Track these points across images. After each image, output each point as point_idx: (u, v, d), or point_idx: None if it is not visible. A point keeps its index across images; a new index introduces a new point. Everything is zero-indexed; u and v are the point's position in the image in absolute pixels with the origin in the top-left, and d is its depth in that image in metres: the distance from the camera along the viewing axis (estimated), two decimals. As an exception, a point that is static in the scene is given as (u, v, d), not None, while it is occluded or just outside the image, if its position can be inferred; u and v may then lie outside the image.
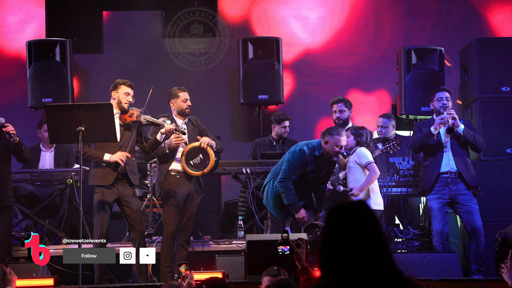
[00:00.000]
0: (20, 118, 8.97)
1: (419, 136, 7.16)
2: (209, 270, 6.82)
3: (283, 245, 4.17)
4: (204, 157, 7.03)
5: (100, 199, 6.66)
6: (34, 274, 6.20)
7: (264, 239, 6.39)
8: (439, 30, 9.64)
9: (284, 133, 8.39)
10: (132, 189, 6.79)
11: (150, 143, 6.86)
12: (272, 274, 4.62)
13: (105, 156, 6.63)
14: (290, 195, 6.66)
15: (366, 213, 2.43)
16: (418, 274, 6.17)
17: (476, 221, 7.03)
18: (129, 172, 6.72)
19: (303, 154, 6.71)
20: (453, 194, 7.05)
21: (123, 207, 6.77)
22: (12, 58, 9.53)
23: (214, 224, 8.76)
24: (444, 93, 7.21)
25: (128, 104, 6.76)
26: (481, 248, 7.01)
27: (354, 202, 2.50)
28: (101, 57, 9.66)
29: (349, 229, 2.40)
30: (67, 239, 7.66)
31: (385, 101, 9.63)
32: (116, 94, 6.76)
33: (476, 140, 7.10)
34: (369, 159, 6.81)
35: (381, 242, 2.38)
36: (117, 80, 6.85)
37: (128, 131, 6.78)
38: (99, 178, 6.69)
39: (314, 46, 9.76)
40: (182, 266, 5.06)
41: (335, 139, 6.64)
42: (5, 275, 4.96)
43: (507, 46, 8.28)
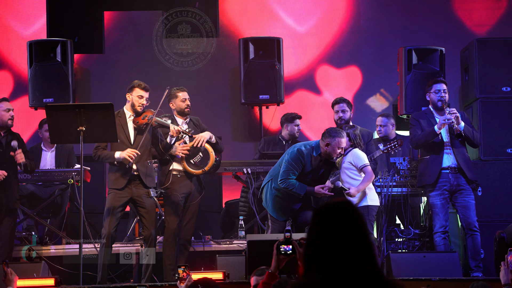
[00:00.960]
0: (21, 118, 8.98)
1: (420, 133, 7.14)
2: (210, 270, 6.84)
3: (286, 244, 4.16)
4: (204, 156, 7.05)
5: (112, 199, 6.70)
6: (35, 274, 6.21)
7: (265, 239, 6.40)
8: (440, 30, 9.64)
9: (297, 131, 8.39)
10: (146, 190, 6.79)
11: (163, 146, 6.88)
12: (258, 273, 4.66)
13: (116, 154, 6.66)
14: (298, 187, 6.67)
15: (351, 214, 2.43)
16: (418, 273, 6.20)
17: (471, 216, 7.04)
18: (142, 174, 6.73)
19: (301, 154, 6.71)
20: (453, 189, 7.06)
21: (138, 207, 6.81)
22: (13, 58, 9.54)
23: (215, 224, 8.76)
24: (441, 85, 7.19)
25: (142, 107, 6.76)
26: (477, 243, 7.02)
27: (339, 202, 2.49)
28: (102, 57, 9.66)
29: (332, 229, 2.40)
30: (68, 239, 7.68)
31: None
32: (130, 97, 6.79)
33: (474, 136, 7.13)
34: (364, 162, 6.85)
35: (364, 243, 2.38)
36: (133, 82, 6.86)
37: (141, 134, 6.78)
38: (112, 181, 6.75)
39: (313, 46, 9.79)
40: (180, 267, 5.02)
41: (336, 141, 6.64)
42: (6, 275, 4.96)
43: (507, 46, 8.27)
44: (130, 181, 6.71)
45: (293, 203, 6.83)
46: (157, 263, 7.04)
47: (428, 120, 7.18)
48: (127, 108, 6.79)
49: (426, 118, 7.20)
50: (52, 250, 7.66)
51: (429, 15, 9.75)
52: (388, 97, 9.56)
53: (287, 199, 6.80)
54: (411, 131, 7.32)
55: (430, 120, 7.17)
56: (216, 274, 6.11)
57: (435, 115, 7.20)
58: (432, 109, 7.23)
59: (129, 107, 6.78)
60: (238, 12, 9.79)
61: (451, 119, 6.95)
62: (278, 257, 4.09)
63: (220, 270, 6.23)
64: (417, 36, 9.57)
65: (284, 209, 6.81)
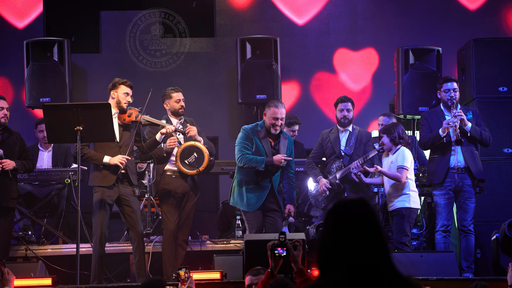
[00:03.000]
0: (18, 118, 8.97)
1: (427, 134, 7.14)
2: (207, 269, 6.84)
3: (280, 247, 4.15)
4: (198, 156, 7.06)
5: (101, 198, 6.62)
6: (32, 273, 6.20)
7: (262, 238, 6.39)
8: (437, 30, 9.65)
9: (292, 136, 8.39)
10: (132, 188, 6.79)
11: (149, 143, 6.86)
12: (253, 273, 4.67)
13: (105, 159, 6.59)
14: (256, 160, 6.68)
15: (365, 212, 2.39)
16: (416, 273, 6.20)
17: (467, 218, 7.06)
18: (130, 172, 6.71)
19: (245, 129, 6.85)
20: (458, 189, 7.07)
21: (123, 206, 6.74)
22: (10, 57, 9.53)
23: (212, 223, 8.76)
24: (452, 84, 7.13)
25: (127, 104, 6.75)
26: (471, 244, 7.04)
27: (353, 200, 2.45)
28: (99, 57, 9.66)
29: (347, 228, 2.37)
30: (64, 238, 7.67)
31: (383, 102, 9.65)
32: (115, 94, 6.75)
33: (482, 136, 7.10)
34: (405, 164, 6.86)
35: (379, 242, 2.35)
36: (116, 79, 6.82)
37: (127, 131, 6.76)
38: (100, 179, 6.65)
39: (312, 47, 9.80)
40: (182, 269, 4.94)
41: (271, 110, 6.74)
42: (3, 275, 4.92)
43: (504, 46, 8.29)
44: (118, 179, 6.67)
45: (260, 187, 6.77)
46: (155, 263, 7.04)
47: (438, 119, 7.15)
48: (112, 105, 6.72)
49: (436, 117, 7.18)
50: (49, 250, 7.65)
51: (427, 14, 9.77)
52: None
53: (252, 180, 6.78)
54: (420, 131, 7.33)
55: (440, 119, 7.13)
56: (213, 274, 6.11)
57: (445, 113, 7.18)
58: (442, 108, 7.21)
59: (114, 104, 6.74)
60: (236, 11, 9.79)
61: (454, 122, 6.93)
62: (274, 258, 4.10)
63: (217, 270, 6.22)
64: (414, 35, 9.59)
65: (251, 197, 6.76)
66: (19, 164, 6.98)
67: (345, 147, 7.50)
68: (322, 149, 7.64)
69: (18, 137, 7.16)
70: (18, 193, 7.73)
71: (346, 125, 7.54)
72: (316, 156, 7.69)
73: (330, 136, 7.59)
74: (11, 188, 7.02)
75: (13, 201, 7.06)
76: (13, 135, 7.12)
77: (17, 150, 7.07)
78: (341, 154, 7.49)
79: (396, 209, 6.87)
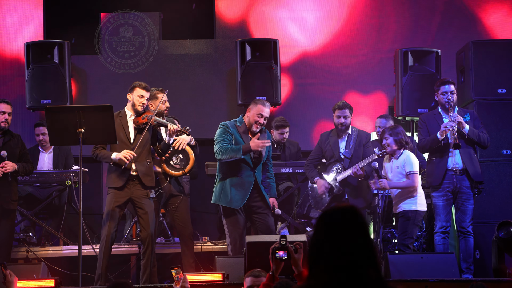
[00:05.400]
0: (18, 120, 8.98)
1: (425, 138, 7.17)
2: (208, 271, 6.86)
3: (281, 250, 4.17)
4: (184, 157, 7.08)
5: (111, 199, 6.68)
6: (34, 275, 6.21)
7: (263, 240, 6.41)
8: (436, 32, 9.68)
9: (282, 139, 8.43)
10: (145, 190, 6.76)
11: (162, 145, 6.89)
12: (254, 275, 4.69)
13: (113, 155, 6.62)
14: (233, 149, 6.64)
15: (355, 219, 2.47)
16: (416, 274, 6.23)
17: (466, 220, 7.09)
18: (141, 174, 6.69)
19: (223, 124, 6.84)
20: (456, 191, 7.10)
21: (136, 208, 6.77)
22: (10, 59, 9.54)
23: (212, 225, 8.78)
24: (450, 86, 7.17)
25: (142, 107, 6.75)
26: (470, 245, 7.08)
27: (344, 207, 2.52)
28: (99, 59, 9.67)
29: (335, 233, 2.44)
30: (65, 240, 7.69)
31: (382, 103, 9.68)
32: (131, 96, 6.77)
33: (480, 138, 7.13)
34: (413, 169, 6.88)
35: (366, 247, 2.42)
36: (134, 82, 6.85)
37: (141, 134, 6.77)
38: (112, 180, 6.70)
39: (312, 48, 9.82)
40: (173, 269, 4.83)
41: (258, 107, 6.74)
42: (6, 278, 4.91)
43: (503, 48, 8.31)
44: (129, 181, 6.69)
45: (244, 182, 6.73)
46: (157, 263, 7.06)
47: (436, 121, 7.19)
48: (128, 108, 6.78)
49: (434, 120, 7.21)
50: (50, 251, 7.67)
51: (426, 16, 9.80)
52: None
53: (235, 174, 6.74)
54: (418, 134, 7.36)
55: (438, 122, 7.17)
56: (215, 276, 6.12)
57: (443, 115, 7.21)
58: (440, 110, 7.24)
59: (130, 107, 6.78)
60: (236, 13, 9.81)
61: (452, 126, 6.96)
62: (275, 261, 4.13)
63: (219, 271, 6.24)
64: (413, 37, 9.62)
65: (234, 194, 6.71)
66: (20, 167, 7.00)
67: (345, 150, 7.51)
68: (321, 151, 7.66)
69: (19, 140, 7.18)
70: (19, 195, 7.76)
71: (344, 132, 7.53)
72: (315, 158, 7.70)
73: (330, 139, 7.60)
74: (12, 190, 7.05)
75: (14, 203, 7.09)
76: (15, 137, 7.15)
77: (18, 153, 7.09)
78: (340, 157, 7.50)
79: (403, 211, 6.90)
